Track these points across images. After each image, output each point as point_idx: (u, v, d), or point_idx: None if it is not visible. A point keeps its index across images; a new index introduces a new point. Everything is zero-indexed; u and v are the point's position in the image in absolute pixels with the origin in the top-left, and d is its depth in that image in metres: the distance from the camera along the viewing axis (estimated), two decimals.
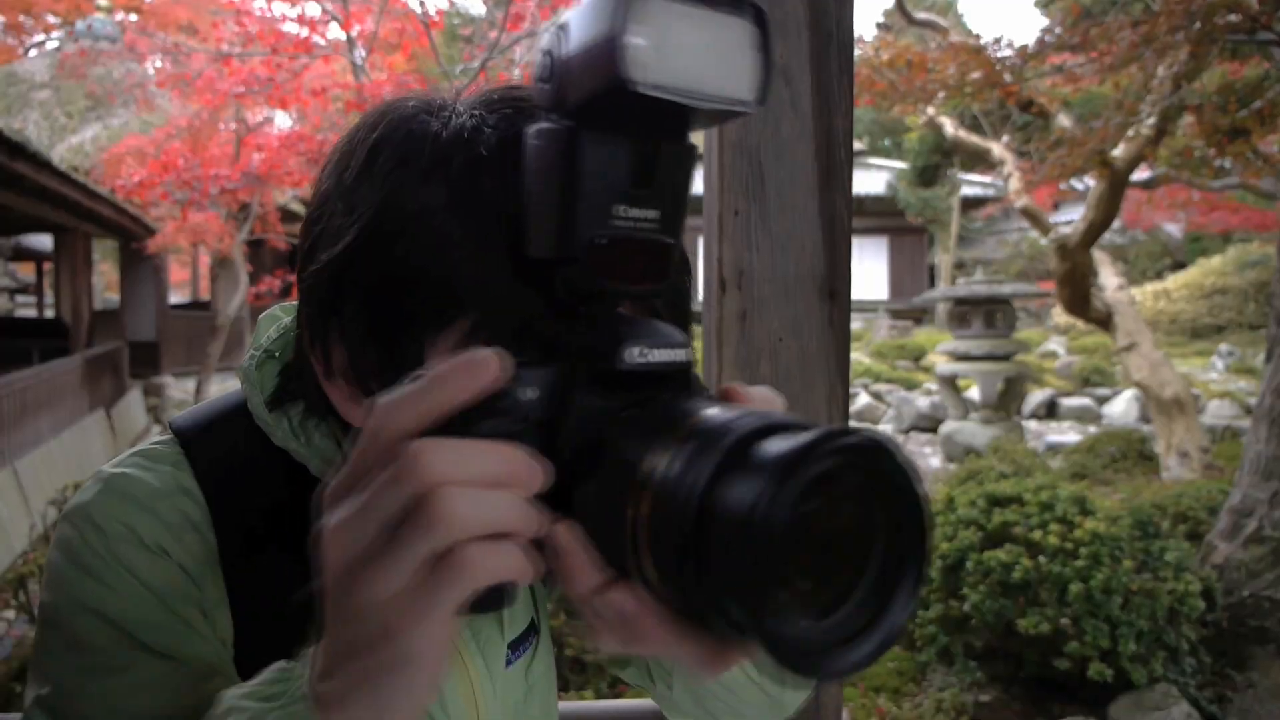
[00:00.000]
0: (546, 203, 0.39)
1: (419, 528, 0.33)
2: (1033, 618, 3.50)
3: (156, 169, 8.27)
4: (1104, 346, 11.87)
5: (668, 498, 0.33)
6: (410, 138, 0.47)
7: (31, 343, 10.80)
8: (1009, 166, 8.04)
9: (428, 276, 0.45)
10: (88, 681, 0.48)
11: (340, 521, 0.35)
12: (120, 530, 0.50)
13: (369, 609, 0.34)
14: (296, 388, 0.53)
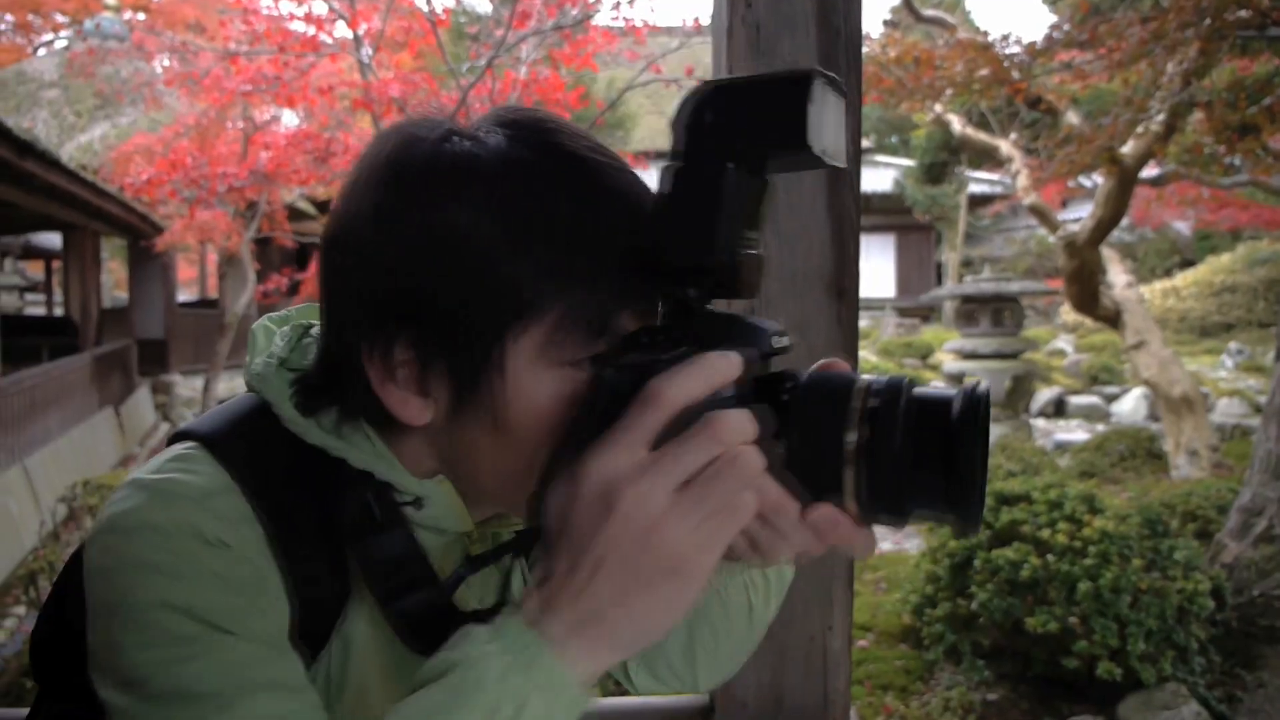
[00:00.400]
0: (698, 222, 0.49)
1: (727, 478, 0.44)
2: (1041, 616, 3.48)
3: (164, 167, 8.29)
4: (1112, 344, 11.82)
5: (883, 435, 0.46)
6: (454, 158, 0.53)
7: (41, 340, 10.85)
8: (1017, 164, 8.01)
9: (509, 283, 0.51)
10: (180, 668, 0.49)
11: (650, 474, 0.44)
12: (180, 528, 0.51)
13: (668, 544, 0.44)
14: (328, 395, 0.57)
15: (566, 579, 0.46)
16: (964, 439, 0.46)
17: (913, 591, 4.18)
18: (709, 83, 0.49)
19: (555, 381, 0.52)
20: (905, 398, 0.47)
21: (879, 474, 0.46)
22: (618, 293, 0.52)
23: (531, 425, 0.53)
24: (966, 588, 3.78)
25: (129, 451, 10.05)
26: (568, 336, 0.52)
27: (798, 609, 1.58)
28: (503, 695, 0.45)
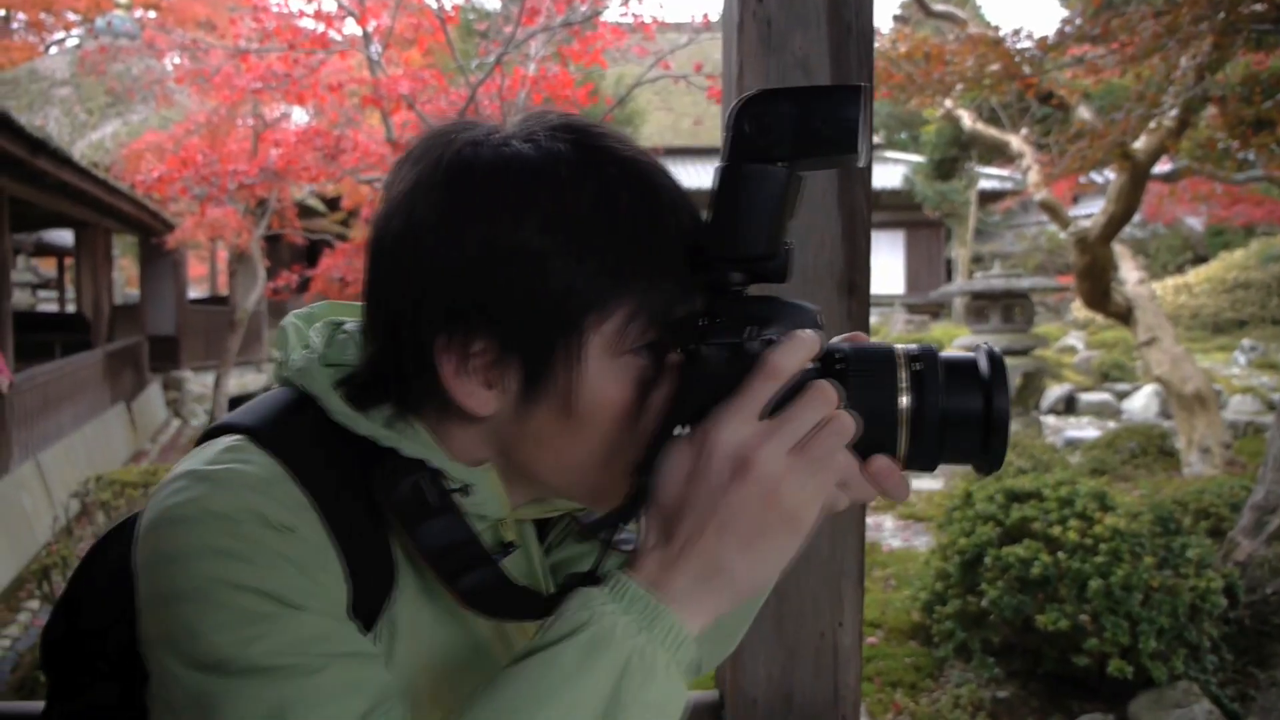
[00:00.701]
0: (753, 219, 0.55)
1: (835, 434, 0.52)
2: (1052, 614, 3.47)
3: (175, 165, 8.33)
4: (1124, 341, 11.75)
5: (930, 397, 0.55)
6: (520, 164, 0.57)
7: (53, 337, 10.91)
8: (1028, 159, 7.97)
9: (584, 282, 0.55)
10: (259, 645, 0.51)
11: (775, 439, 0.51)
12: (245, 515, 0.53)
13: (788, 499, 0.51)
14: (378, 389, 0.60)
15: (694, 536, 0.52)
16: (998, 392, 0.55)
17: (922, 589, 4.17)
18: (763, 90, 0.54)
19: (619, 369, 0.57)
20: (940, 362, 0.56)
21: (926, 430, 0.55)
22: (680, 285, 0.57)
23: (598, 411, 0.58)
24: (977, 585, 3.77)
25: (141, 447, 10.11)
26: (635, 327, 0.57)
27: (808, 605, 1.58)
28: (632, 652, 0.50)
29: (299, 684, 0.50)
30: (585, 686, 0.49)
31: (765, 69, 1.52)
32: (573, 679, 0.49)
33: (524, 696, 0.50)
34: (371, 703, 0.52)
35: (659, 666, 0.50)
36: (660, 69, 8.02)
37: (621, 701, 0.49)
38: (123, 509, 4.85)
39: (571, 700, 0.49)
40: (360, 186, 9.52)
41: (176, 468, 0.58)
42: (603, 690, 0.49)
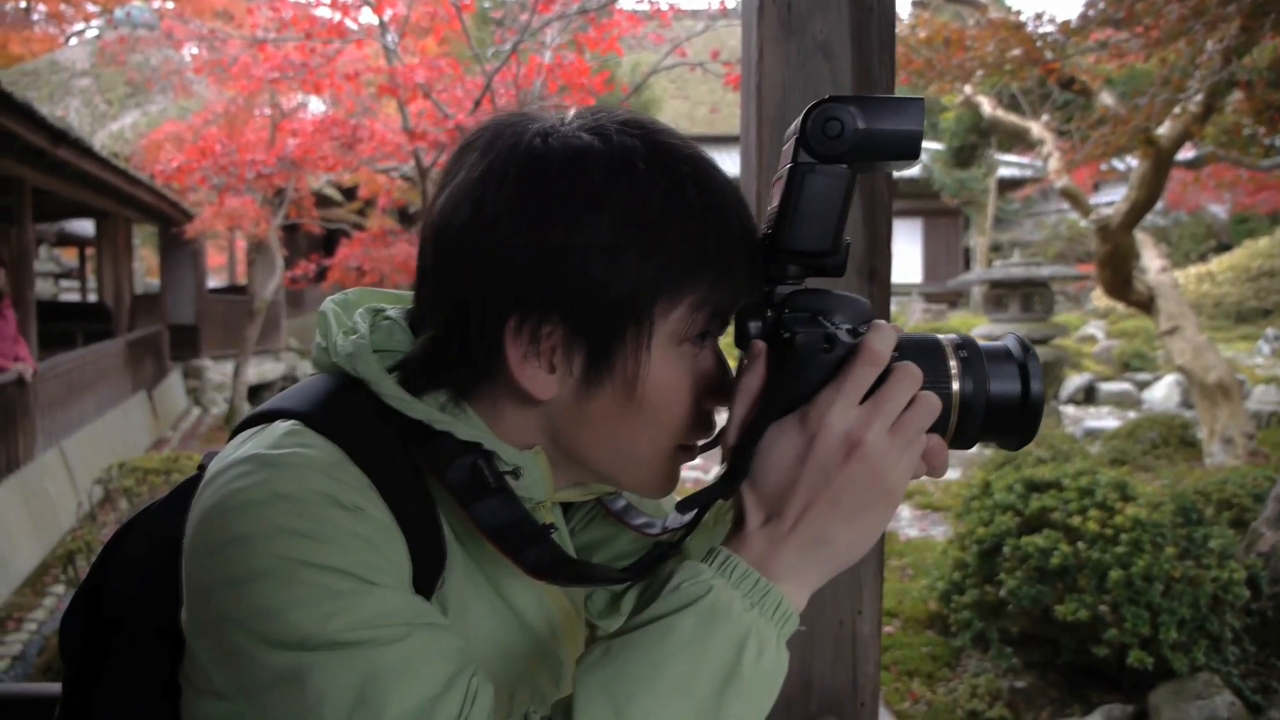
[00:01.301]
0: (828, 215, 0.59)
1: (925, 412, 0.57)
2: (1071, 604, 3.45)
3: (194, 154, 8.38)
4: (1145, 330, 11.61)
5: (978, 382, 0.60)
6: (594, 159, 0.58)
7: (75, 326, 11.03)
8: (1049, 146, 7.86)
9: (655, 272, 0.58)
10: (339, 620, 0.52)
11: (879, 421, 0.55)
12: (315, 496, 0.54)
13: (890, 474, 0.55)
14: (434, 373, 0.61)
15: (801, 514, 0.56)
16: (1035, 376, 0.60)
17: (940, 578, 4.15)
18: (833, 97, 0.59)
19: (679, 356, 0.61)
20: (981, 349, 0.61)
21: (973, 413, 0.60)
22: (743, 278, 0.61)
23: (658, 396, 0.61)
24: (995, 574, 3.75)
25: (162, 435, 10.23)
26: (699, 317, 0.60)
27: (827, 594, 1.58)
28: (750, 625, 0.53)
29: (384, 653, 0.52)
30: (704, 655, 0.52)
31: (785, 53, 1.51)
32: (690, 647, 0.52)
33: (643, 662, 0.52)
34: (456, 667, 0.53)
35: (770, 640, 0.54)
36: (676, 56, 7.97)
37: (741, 671, 0.52)
38: (145, 495, 4.90)
39: (691, 667, 0.52)
40: (377, 176, 9.56)
41: (235, 453, 0.58)
42: (723, 659, 0.52)
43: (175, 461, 5.19)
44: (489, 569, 0.64)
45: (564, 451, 0.64)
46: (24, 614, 5.25)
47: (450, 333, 0.61)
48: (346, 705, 0.51)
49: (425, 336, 0.62)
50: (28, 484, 6.37)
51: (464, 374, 0.61)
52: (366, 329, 0.64)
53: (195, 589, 0.56)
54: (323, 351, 0.65)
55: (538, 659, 0.67)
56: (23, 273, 7.27)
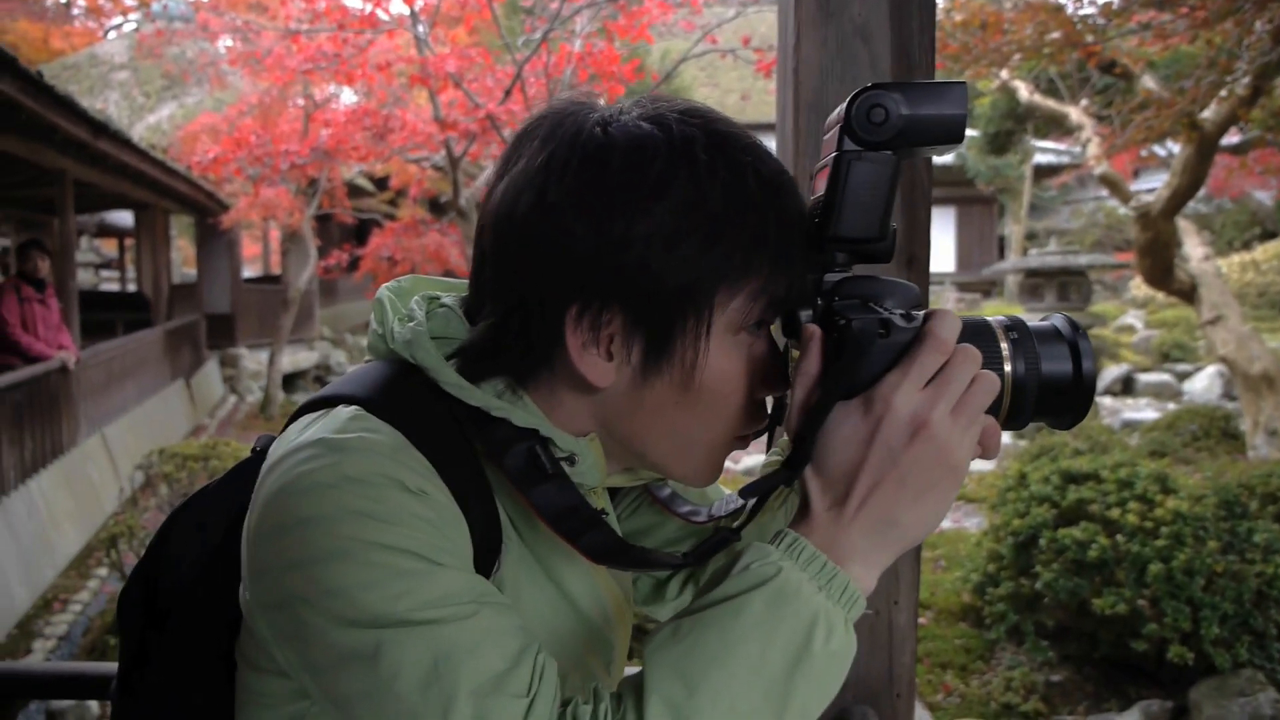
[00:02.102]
0: (875, 201, 0.60)
1: (986, 393, 0.57)
2: (1109, 598, 3.40)
3: (230, 145, 8.49)
4: (1185, 320, 11.37)
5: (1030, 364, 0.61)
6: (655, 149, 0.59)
7: (115, 315, 11.27)
8: (1088, 131, 7.70)
9: (715, 262, 0.59)
10: (408, 599, 0.53)
11: (943, 402, 0.56)
12: (382, 479, 0.55)
13: (954, 454, 0.56)
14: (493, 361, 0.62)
15: (868, 496, 0.56)
16: (1086, 355, 0.60)
17: (974, 570, 4.11)
18: (876, 84, 0.59)
19: (736, 345, 0.62)
20: (1031, 330, 0.61)
21: (1026, 394, 0.61)
22: (798, 265, 0.62)
23: (717, 385, 0.61)
24: (1030, 567, 3.70)
25: (199, 422, 10.42)
26: (758, 305, 0.61)
27: None
28: (819, 608, 0.54)
29: (454, 630, 0.53)
30: (774, 636, 0.53)
31: (823, 36, 1.49)
32: (761, 628, 0.53)
33: (714, 641, 0.53)
34: (523, 643, 0.55)
35: (839, 622, 0.54)
36: (707, 43, 7.91)
37: (811, 651, 0.53)
38: (184, 481, 5.00)
39: (761, 647, 0.53)
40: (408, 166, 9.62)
41: (299, 437, 0.59)
42: (793, 640, 0.53)
43: (213, 448, 5.28)
44: (543, 554, 0.65)
45: (618, 439, 0.65)
46: (69, 596, 5.39)
47: (509, 320, 0.61)
48: (419, 681, 0.52)
49: (484, 323, 0.63)
50: (71, 469, 6.53)
51: (522, 361, 0.62)
52: (423, 316, 0.65)
53: (260, 569, 0.57)
54: (379, 338, 0.65)
55: (589, 644, 0.68)
56: (65, 263, 7.43)
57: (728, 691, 0.52)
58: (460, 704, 0.51)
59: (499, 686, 0.52)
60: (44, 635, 4.89)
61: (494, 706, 0.51)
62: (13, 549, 5.25)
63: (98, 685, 1.62)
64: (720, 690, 0.52)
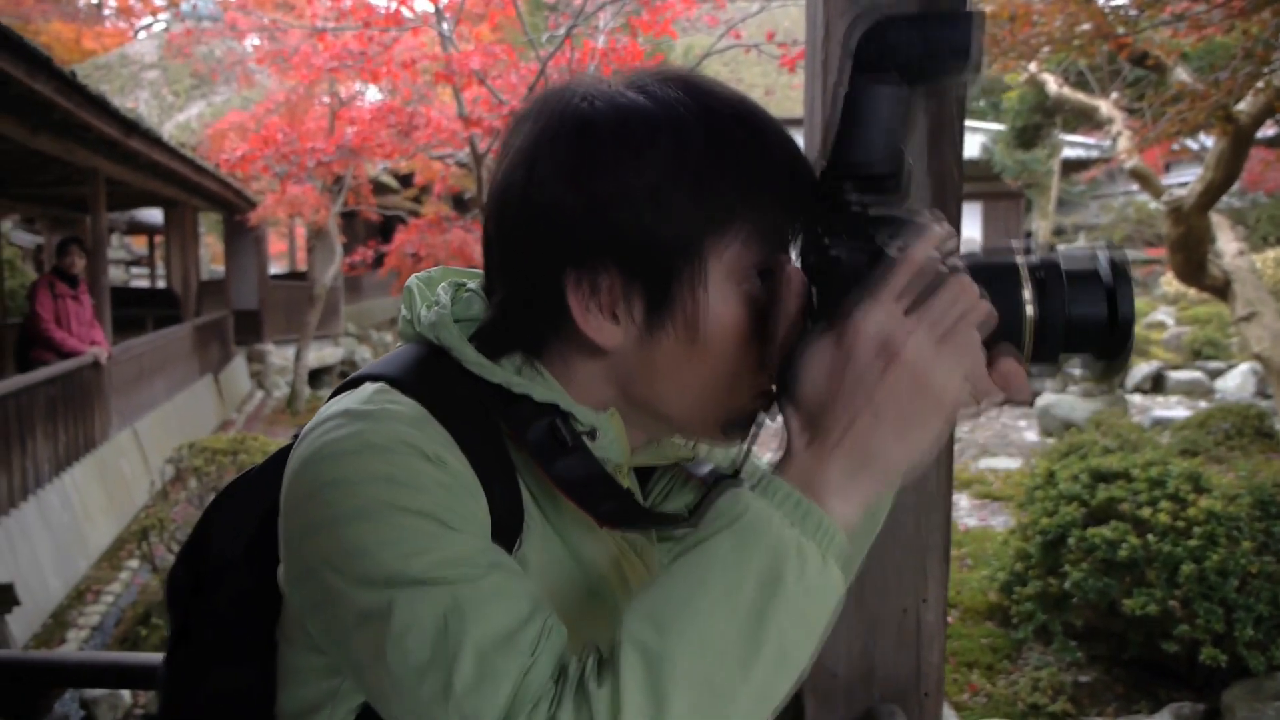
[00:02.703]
0: (883, 129, 0.57)
1: (972, 324, 0.54)
2: (1140, 598, 3.35)
3: (257, 143, 8.58)
4: (1218, 317, 11.16)
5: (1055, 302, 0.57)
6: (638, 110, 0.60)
7: (146, 311, 11.44)
8: (1118, 125, 7.58)
9: (703, 209, 0.59)
10: (423, 558, 0.54)
11: (923, 327, 0.53)
12: (402, 446, 0.56)
13: (937, 384, 0.53)
14: (509, 337, 0.64)
15: (845, 430, 0.53)
16: (1123, 297, 0.57)
17: (1001, 569, 4.07)
18: (884, 16, 0.57)
19: (737, 293, 0.60)
20: (1063, 270, 0.57)
21: (1050, 338, 0.57)
22: (794, 209, 0.61)
23: (723, 335, 0.60)
24: (1059, 566, 3.65)
25: (227, 417, 10.56)
26: (752, 251, 0.60)
27: (891, 580, 1.55)
28: (788, 541, 0.52)
29: (465, 589, 0.53)
30: (744, 571, 0.51)
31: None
32: (730, 564, 0.51)
33: (684, 583, 0.52)
34: (533, 606, 0.55)
35: (813, 555, 0.52)
36: (731, 38, 7.88)
37: (784, 584, 0.51)
38: (213, 475, 5.07)
39: (731, 583, 0.51)
40: (432, 163, 9.68)
41: (326, 410, 0.61)
42: (762, 574, 0.51)
43: (241, 443, 5.35)
44: (566, 532, 0.65)
45: (636, 403, 0.65)
46: (101, 587, 5.48)
47: (515, 293, 0.63)
48: (429, 637, 0.52)
49: (495, 300, 0.65)
50: (104, 463, 6.64)
51: (533, 332, 0.63)
52: (448, 300, 0.67)
53: (290, 537, 0.59)
54: (407, 324, 0.67)
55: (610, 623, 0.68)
56: (97, 259, 7.54)
57: (698, 630, 0.50)
58: (465, 658, 0.51)
59: (506, 642, 0.52)
60: (77, 625, 4.98)
61: (497, 661, 0.51)
62: (47, 541, 5.35)
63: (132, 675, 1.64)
64: (690, 629, 0.50)
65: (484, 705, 0.50)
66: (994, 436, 8.44)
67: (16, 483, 5.21)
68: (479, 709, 0.50)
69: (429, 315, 0.65)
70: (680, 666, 0.49)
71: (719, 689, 0.50)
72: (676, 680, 0.49)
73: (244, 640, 0.67)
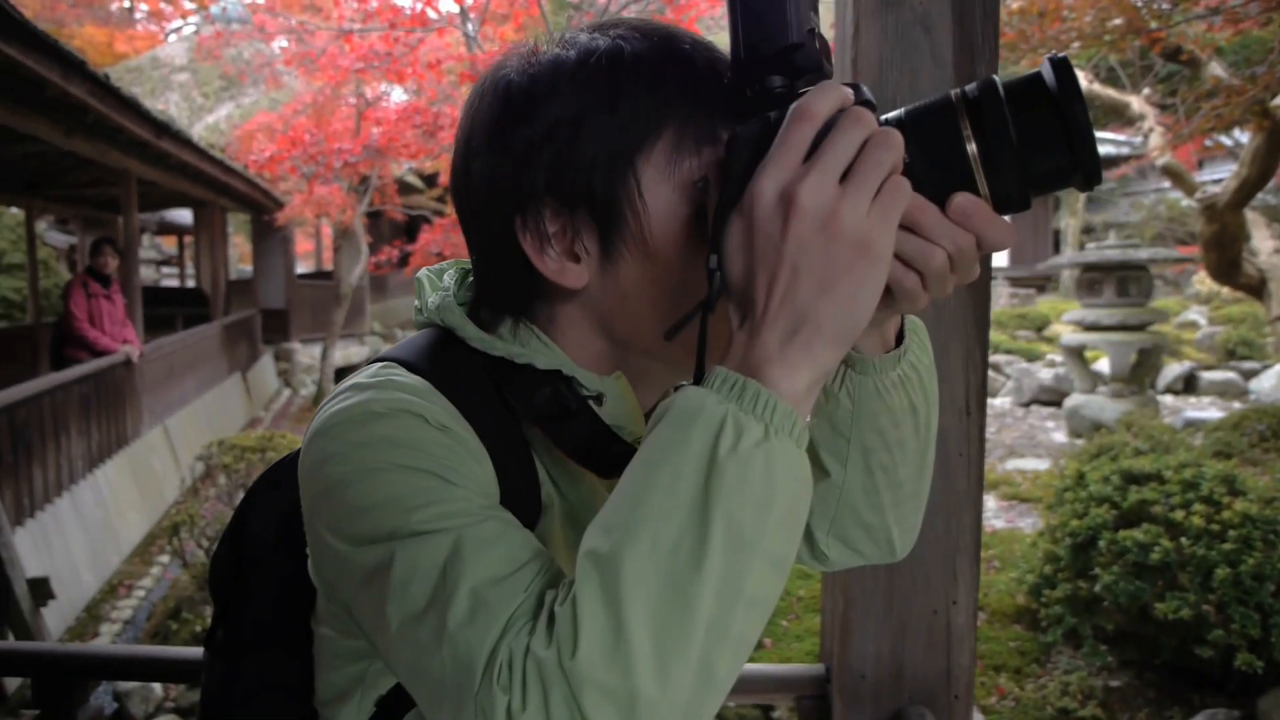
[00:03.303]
0: (773, 10, 0.55)
1: (879, 148, 0.49)
2: (1172, 602, 3.29)
3: (285, 144, 8.68)
4: (1252, 316, 10.96)
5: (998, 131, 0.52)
6: (553, 54, 0.61)
7: (175, 310, 11.61)
8: (1149, 121, 7.46)
9: (623, 118, 0.59)
10: (422, 512, 0.54)
11: (816, 170, 0.49)
12: (406, 411, 0.57)
13: (850, 226, 0.49)
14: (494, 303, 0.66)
15: (768, 296, 0.50)
16: (1072, 104, 0.51)
17: (1029, 571, 4.02)
18: None
19: (685, 203, 0.59)
20: (1002, 91, 0.52)
21: (1002, 168, 0.52)
22: (717, 104, 0.59)
23: (674, 244, 0.59)
24: (1089, 569, 3.60)
25: (255, 414, 10.68)
26: (683, 152, 0.59)
27: (920, 582, 1.54)
28: (724, 416, 0.49)
29: (464, 535, 0.53)
30: (684, 457, 0.48)
31: (883, 26, 1.46)
32: (668, 453, 0.49)
33: (630, 482, 0.50)
34: (533, 553, 0.54)
35: (750, 428, 0.48)
36: None
37: (718, 458, 0.48)
38: (242, 472, 5.13)
39: (671, 472, 0.48)
40: None
41: (336, 387, 0.62)
42: (703, 454, 0.48)
43: (270, 440, 5.41)
44: (585, 508, 0.66)
45: (621, 343, 0.64)
46: (133, 582, 5.57)
47: (483, 259, 0.65)
48: (430, 583, 0.52)
49: (476, 276, 0.67)
50: (135, 459, 6.75)
51: (511, 294, 0.64)
52: (453, 285, 0.69)
53: (305, 513, 0.59)
54: (418, 312, 0.69)
55: None
56: (129, 259, 7.67)
57: (646, 527, 0.47)
58: (460, 597, 0.51)
59: (499, 583, 0.51)
60: (110, 619, 5.07)
61: (491, 598, 0.51)
62: (81, 535, 5.45)
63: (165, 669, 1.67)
64: (638, 528, 0.48)
65: (475, 640, 0.49)
66: (1021, 437, 8.34)
67: (51, 478, 5.31)
68: (470, 643, 0.49)
69: (434, 299, 0.67)
70: (632, 568, 0.47)
71: (677, 584, 0.46)
72: (630, 583, 0.46)
73: (280, 625, 0.68)
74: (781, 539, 0.49)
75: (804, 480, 0.50)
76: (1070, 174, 0.53)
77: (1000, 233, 0.52)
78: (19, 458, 4.90)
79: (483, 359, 0.63)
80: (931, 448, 0.72)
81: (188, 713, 4.06)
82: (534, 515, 0.62)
